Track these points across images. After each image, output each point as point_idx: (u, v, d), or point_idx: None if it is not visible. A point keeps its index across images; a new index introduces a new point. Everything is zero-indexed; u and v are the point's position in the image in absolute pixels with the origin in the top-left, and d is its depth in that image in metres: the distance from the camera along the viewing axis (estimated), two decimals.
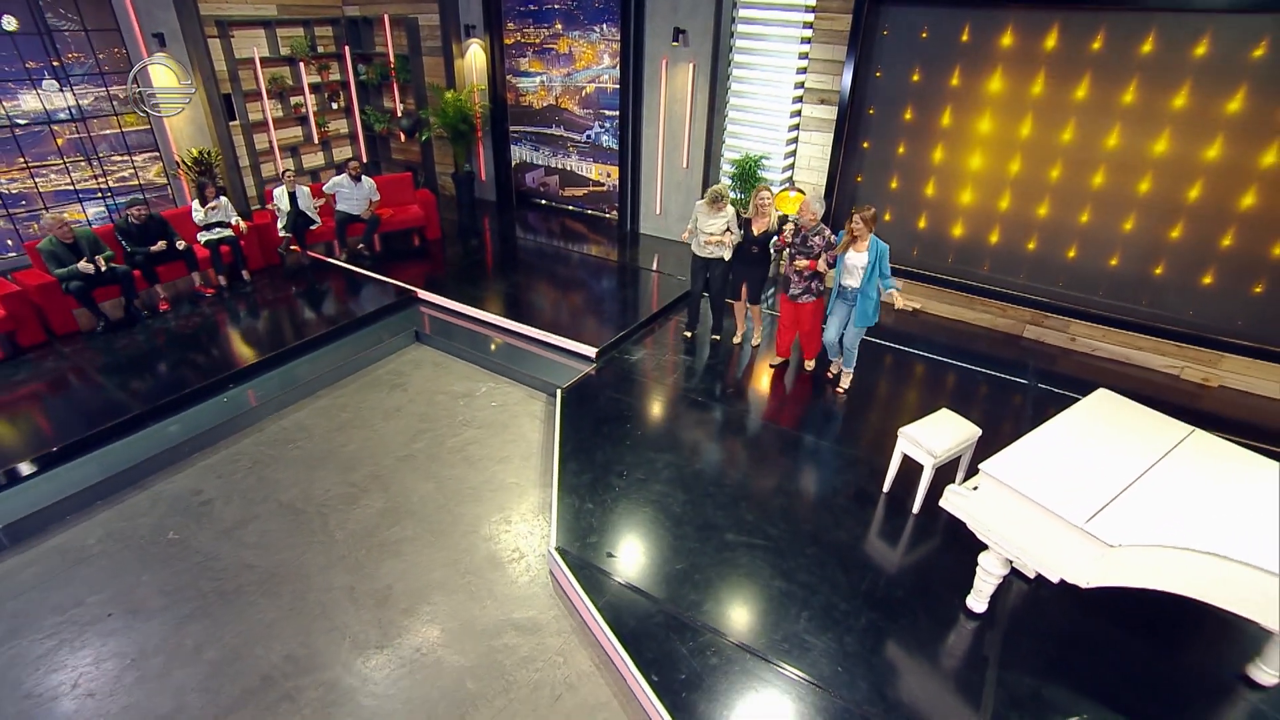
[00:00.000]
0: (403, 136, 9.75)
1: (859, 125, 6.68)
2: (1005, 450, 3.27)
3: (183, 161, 8.00)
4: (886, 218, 6.85)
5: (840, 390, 5.36)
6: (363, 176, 7.51)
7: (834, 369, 5.51)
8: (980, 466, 3.19)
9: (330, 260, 7.44)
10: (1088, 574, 2.84)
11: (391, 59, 9.25)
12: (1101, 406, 3.64)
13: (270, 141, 8.95)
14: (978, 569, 3.38)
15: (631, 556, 3.73)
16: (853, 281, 4.94)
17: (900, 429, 4.10)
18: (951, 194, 6.48)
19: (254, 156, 8.81)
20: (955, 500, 3.34)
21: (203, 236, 6.68)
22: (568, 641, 3.37)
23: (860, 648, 3.26)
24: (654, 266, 7.61)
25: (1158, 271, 5.81)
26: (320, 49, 9.27)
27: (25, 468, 4.25)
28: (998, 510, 3.13)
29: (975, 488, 3.36)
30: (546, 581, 3.72)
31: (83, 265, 5.62)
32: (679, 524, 3.96)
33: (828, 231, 5.09)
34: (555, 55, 8.66)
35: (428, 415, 5.15)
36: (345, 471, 4.52)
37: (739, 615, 3.41)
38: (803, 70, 6.66)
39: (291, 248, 7.22)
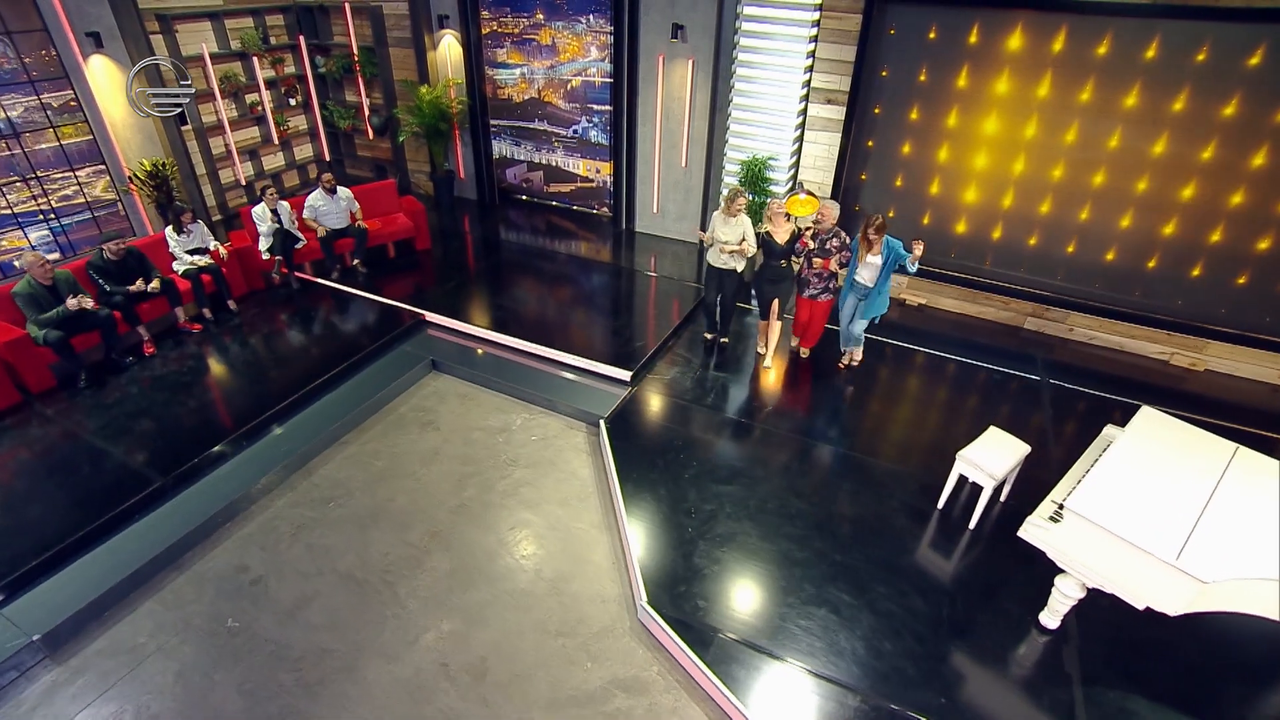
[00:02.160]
0: (370, 134, 9.10)
1: (864, 125, 6.69)
2: (1083, 485, 3.45)
3: (135, 175, 7.25)
4: (890, 214, 6.92)
5: (854, 364, 5.88)
6: (337, 188, 7.01)
7: (848, 359, 5.88)
8: (1065, 504, 3.35)
9: (322, 281, 6.98)
10: (1177, 605, 3.07)
11: (355, 50, 8.55)
12: (1152, 428, 3.87)
13: (228, 145, 8.21)
14: (1054, 591, 3.60)
15: (723, 602, 3.77)
16: (868, 280, 5.30)
17: (959, 453, 4.26)
18: (955, 192, 6.61)
19: (211, 163, 8.07)
20: (1036, 533, 3.51)
21: (180, 266, 6.12)
22: (679, 699, 3.41)
23: (956, 676, 3.44)
24: (661, 271, 7.49)
25: (1150, 265, 6.15)
26: (273, 40, 8.48)
27: (40, 562, 3.88)
28: (1082, 544, 3.32)
29: (1051, 518, 3.55)
30: (641, 634, 3.73)
31: (73, 302, 5.06)
32: (760, 561, 4.02)
33: (843, 234, 5.34)
34: (536, 46, 8.22)
35: (469, 456, 4.98)
36: (399, 530, 4.35)
37: (840, 655, 3.52)
38: (808, 70, 6.57)
39: (280, 270, 6.71)
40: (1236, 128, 5.40)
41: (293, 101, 8.96)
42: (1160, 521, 3.21)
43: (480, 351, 5.94)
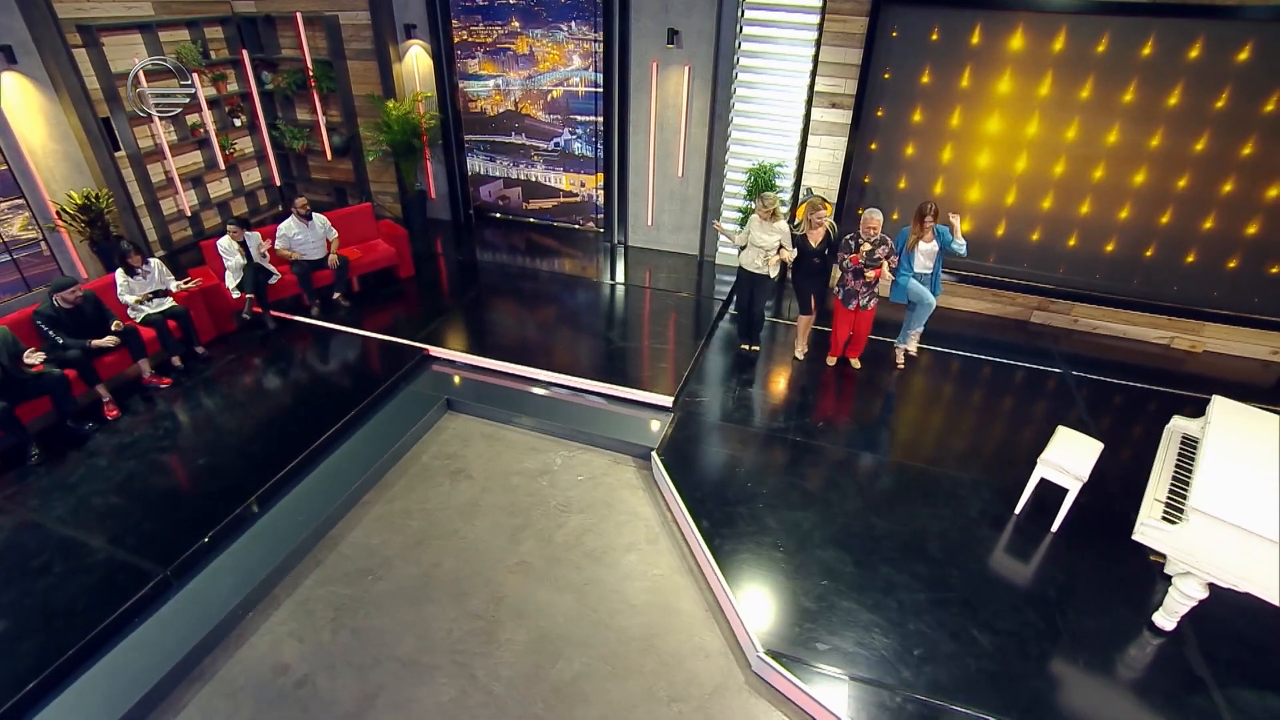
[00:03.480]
0: (329, 155, 8.36)
1: (867, 127, 6.64)
2: (1199, 482, 3.39)
3: (63, 210, 6.30)
4: (894, 217, 6.90)
5: (911, 355, 5.98)
6: (313, 214, 6.34)
7: (911, 347, 5.97)
8: (1189, 504, 3.28)
9: (301, 319, 6.25)
10: None
11: (309, 65, 7.81)
12: (1232, 418, 3.88)
13: (169, 172, 7.30)
14: (1173, 592, 3.52)
15: (842, 641, 3.49)
16: (927, 267, 5.48)
17: (1040, 457, 4.17)
18: (959, 192, 6.66)
19: (150, 193, 7.15)
20: (1156, 535, 3.42)
21: (138, 314, 5.31)
22: None
23: (1095, 693, 3.30)
24: (667, 285, 7.19)
25: (1148, 254, 6.38)
26: (214, 55, 7.63)
27: (23, 697, 3.13)
28: (1211, 542, 3.25)
29: (1164, 518, 3.48)
30: (760, 687, 3.39)
31: (31, 356, 4.24)
32: (865, 592, 3.76)
33: (889, 239, 5.33)
34: (512, 56, 7.78)
35: (514, 506, 4.50)
36: (458, 600, 3.82)
37: (977, 686, 3.30)
38: (812, 74, 6.46)
39: (254, 310, 5.95)
40: (1226, 120, 5.66)
41: (237, 122, 8.11)
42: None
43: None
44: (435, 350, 5.86)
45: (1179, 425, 4.22)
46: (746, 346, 6.00)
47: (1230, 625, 3.64)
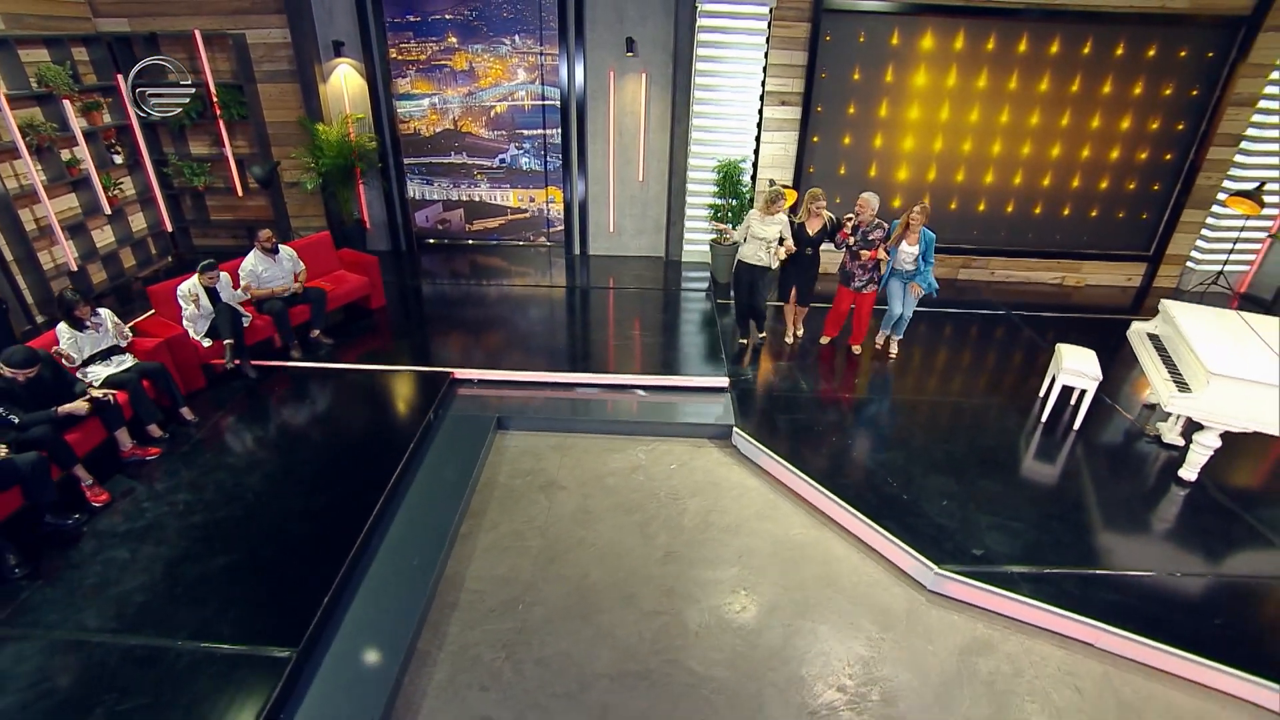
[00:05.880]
0: (240, 192, 7.36)
1: (809, 122, 7.38)
2: (1204, 357, 4.26)
3: None
4: (836, 200, 7.69)
5: (891, 356, 6.06)
6: (278, 246, 5.62)
7: (886, 342, 6.14)
8: (1210, 370, 4.14)
9: (284, 365, 5.45)
10: None
11: (212, 89, 6.86)
12: (1185, 313, 4.93)
13: (48, 217, 5.98)
14: (1194, 446, 4.40)
15: (991, 544, 3.86)
16: (907, 266, 5.71)
17: (1062, 369, 4.96)
18: (890, 172, 7.64)
19: (25, 244, 5.82)
20: (1182, 403, 4.26)
21: (97, 375, 4.32)
22: (1022, 641, 3.42)
23: (1163, 539, 4.01)
24: (642, 284, 7.33)
25: (1036, 211, 7.80)
26: (85, 80, 6.43)
27: None
28: (1226, 398, 4.12)
29: (1179, 389, 4.34)
30: (943, 601, 3.64)
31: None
32: (978, 502, 4.19)
33: (884, 224, 5.70)
34: (450, 73, 7.51)
35: (627, 504, 4.35)
36: (628, 604, 3.61)
37: (1086, 547, 3.86)
38: (764, 74, 7.05)
39: (234, 361, 5.07)
40: (1081, 101, 7.17)
41: (117, 159, 6.86)
42: (1268, 365, 4.15)
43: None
44: (460, 373, 5.44)
45: (1139, 328, 5.26)
46: (746, 340, 6.09)
47: (1233, 468, 4.61)
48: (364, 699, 2.98)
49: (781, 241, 5.49)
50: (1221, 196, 7.48)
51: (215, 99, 6.89)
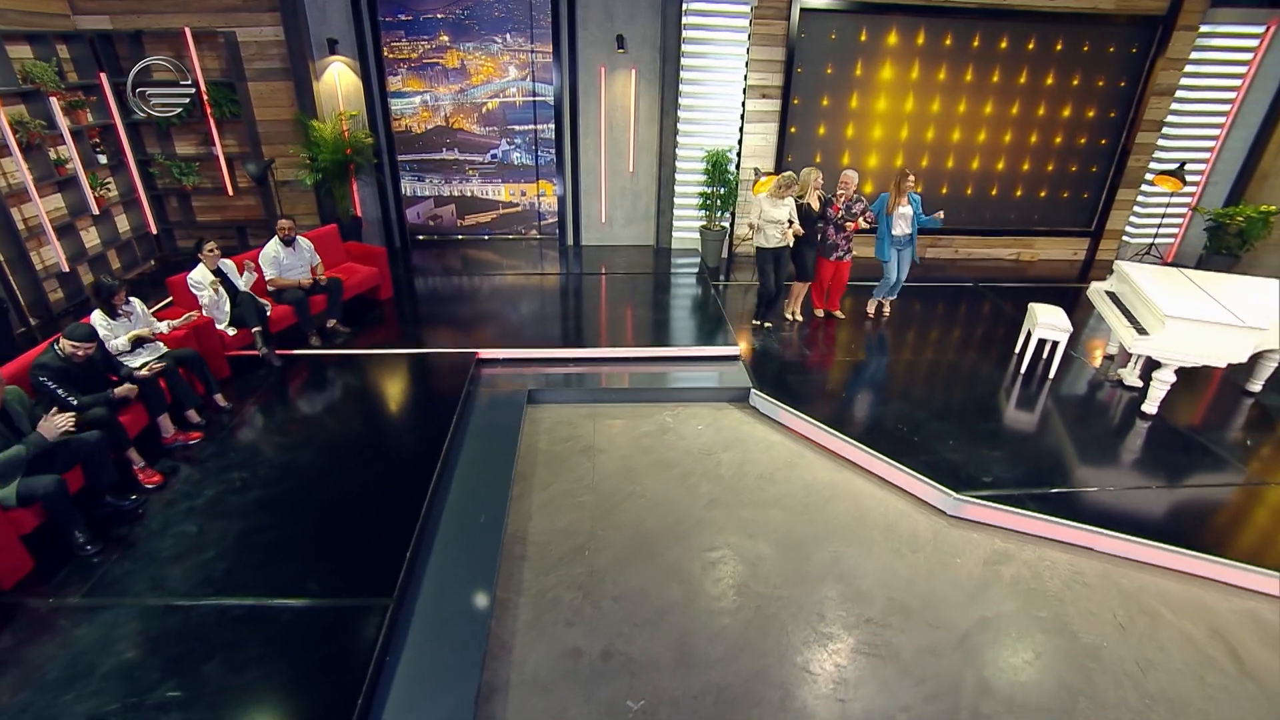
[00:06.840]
0: (230, 191, 7.29)
1: (788, 113, 7.88)
2: (1161, 305, 4.88)
3: None
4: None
5: (885, 315, 6.63)
6: (297, 236, 5.69)
7: (881, 307, 6.71)
8: (1166, 313, 4.76)
9: (307, 352, 5.50)
10: (1246, 352, 4.66)
11: (203, 88, 6.81)
12: (1137, 271, 5.61)
13: (39, 216, 5.85)
14: (1154, 383, 5.01)
15: (999, 472, 4.33)
16: (905, 230, 6.22)
17: (1038, 324, 5.55)
18: (861, 159, 8.22)
19: (18, 244, 5.68)
20: (1144, 344, 4.88)
21: (135, 359, 4.32)
22: (1036, 549, 3.89)
23: (1136, 465, 4.60)
24: (631, 269, 7.65)
25: (993, 193, 8.53)
26: (70, 78, 6.31)
27: None
28: (1181, 338, 4.75)
29: (1139, 334, 4.96)
30: (962, 524, 4.09)
31: (56, 417, 3.34)
32: (984, 439, 4.68)
33: (864, 198, 6.24)
34: (441, 71, 7.67)
35: (664, 461, 4.64)
36: (683, 543, 3.90)
37: (1071, 473, 4.40)
38: (746, 69, 7.50)
39: (264, 349, 5.10)
40: (1029, 91, 7.93)
41: (102, 159, 6.73)
42: (1214, 308, 4.81)
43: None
44: (485, 353, 5.63)
45: (1098, 287, 5.92)
46: (759, 321, 6.33)
47: (1184, 403, 5.27)
48: (464, 638, 3.17)
49: (790, 223, 5.88)
50: (1149, 176, 8.37)
51: (206, 97, 6.84)
